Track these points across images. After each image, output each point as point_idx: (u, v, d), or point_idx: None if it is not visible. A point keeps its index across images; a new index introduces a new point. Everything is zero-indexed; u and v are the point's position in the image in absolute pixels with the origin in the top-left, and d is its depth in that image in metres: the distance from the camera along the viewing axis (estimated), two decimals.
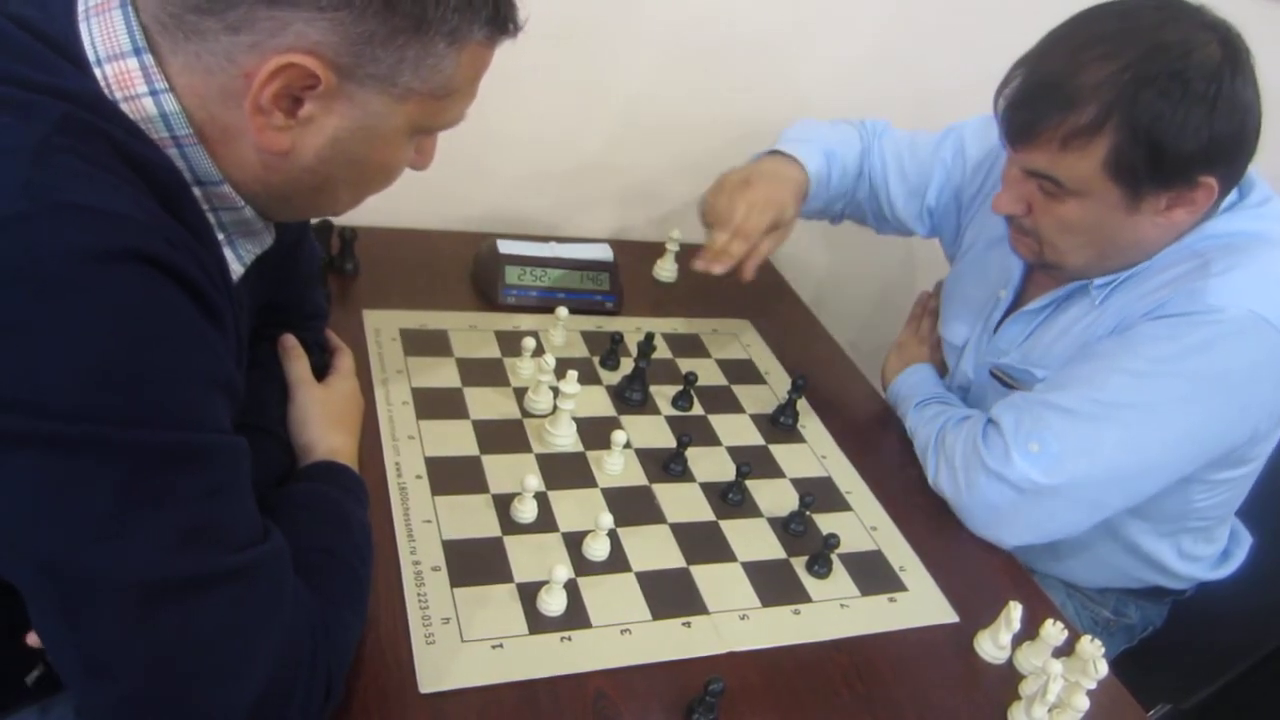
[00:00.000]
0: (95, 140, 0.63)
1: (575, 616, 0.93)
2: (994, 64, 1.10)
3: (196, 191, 0.72)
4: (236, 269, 0.81)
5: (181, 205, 0.68)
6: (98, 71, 0.67)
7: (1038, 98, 1.03)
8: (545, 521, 1.02)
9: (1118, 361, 1.08)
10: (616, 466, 1.11)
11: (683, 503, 1.10)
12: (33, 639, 0.72)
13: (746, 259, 1.24)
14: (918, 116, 1.76)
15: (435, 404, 1.15)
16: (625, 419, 1.20)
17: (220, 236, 0.77)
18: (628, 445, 1.14)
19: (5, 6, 0.68)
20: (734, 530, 1.08)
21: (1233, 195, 1.12)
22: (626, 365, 1.29)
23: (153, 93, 0.68)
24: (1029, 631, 1.01)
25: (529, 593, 0.93)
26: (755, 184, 1.25)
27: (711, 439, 1.22)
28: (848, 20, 1.65)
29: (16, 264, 0.56)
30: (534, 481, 1.00)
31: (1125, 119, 0.99)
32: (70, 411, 0.57)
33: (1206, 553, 1.30)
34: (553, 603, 0.92)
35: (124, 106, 0.68)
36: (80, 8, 0.69)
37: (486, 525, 1.00)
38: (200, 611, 0.62)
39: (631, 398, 1.24)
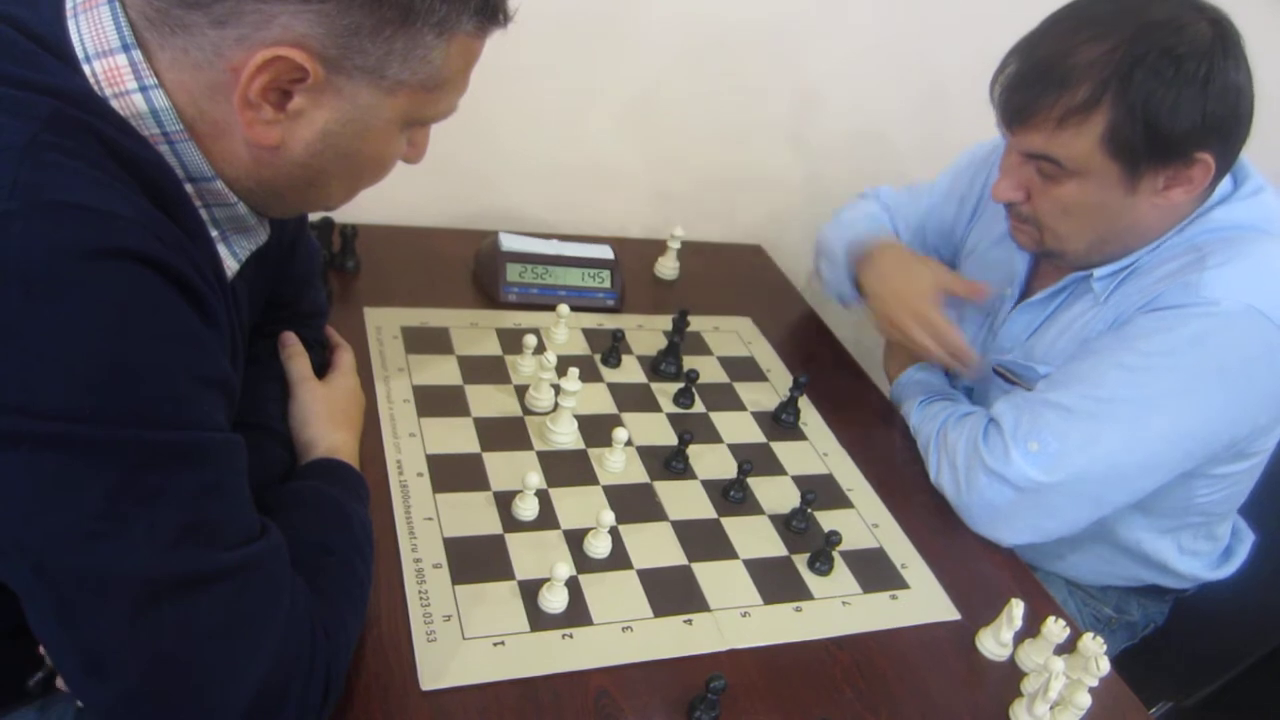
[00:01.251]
0: (85, 138, 0.63)
1: (577, 614, 0.93)
2: (996, 55, 1.10)
3: (189, 188, 0.72)
4: (231, 265, 0.81)
5: (173, 202, 0.68)
6: (87, 69, 0.67)
7: (1033, 79, 1.05)
8: (546, 519, 1.02)
9: (1114, 356, 1.08)
10: (618, 464, 1.11)
11: (684, 500, 1.10)
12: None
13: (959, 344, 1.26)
14: (920, 109, 1.76)
15: (436, 401, 1.15)
16: (627, 416, 1.20)
17: (214, 233, 0.77)
18: (629, 443, 1.14)
19: None
20: (735, 528, 1.08)
21: (1227, 185, 1.12)
22: (629, 363, 1.30)
23: (142, 89, 0.68)
24: (1031, 629, 1.01)
25: (530, 590, 0.93)
26: (892, 297, 1.27)
27: (713, 436, 1.21)
28: (848, 15, 1.65)
29: (5, 263, 0.56)
30: (535, 479, 1.00)
31: (1120, 96, 1.00)
32: (61, 411, 0.57)
33: (1207, 549, 1.30)
34: (554, 600, 0.92)
35: (114, 103, 0.68)
36: (68, 5, 0.68)
37: (488, 523, 1.00)
38: (197, 609, 0.62)
39: (666, 370, 1.29)
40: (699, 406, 1.26)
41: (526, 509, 1.01)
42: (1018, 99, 1.06)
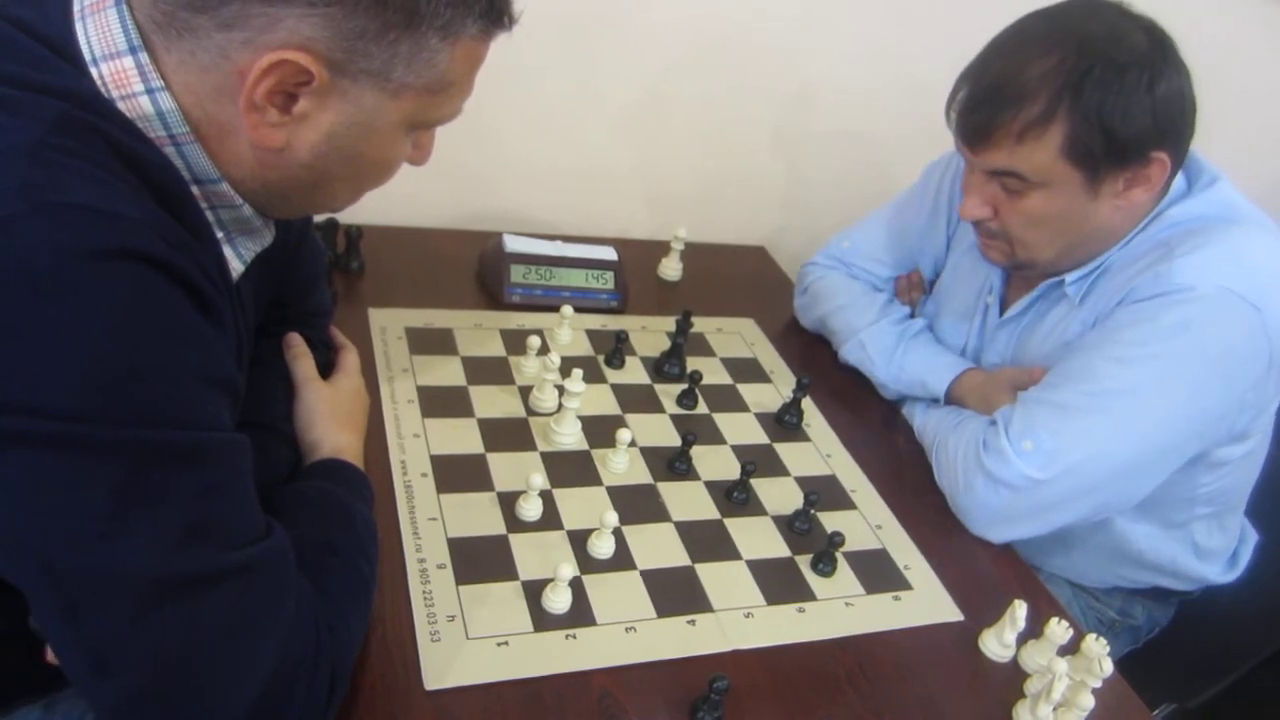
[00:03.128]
0: (92, 139, 0.63)
1: (580, 614, 0.93)
2: None
3: (195, 190, 0.73)
4: (236, 267, 0.81)
5: (179, 204, 0.68)
6: (94, 71, 0.67)
7: (989, 99, 1.07)
8: (550, 519, 1.02)
9: (1100, 351, 1.10)
10: (621, 465, 1.11)
11: (687, 501, 1.10)
12: (52, 656, 0.72)
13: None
14: (913, 107, 1.76)
15: (440, 402, 1.15)
16: (630, 417, 1.21)
17: (219, 235, 0.77)
18: (632, 444, 1.14)
19: (2, 8, 0.68)
20: (739, 528, 1.08)
21: (1182, 183, 1.15)
22: (632, 364, 1.30)
23: (149, 91, 0.68)
24: (1034, 630, 1.01)
25: (534, 590, 0.93)
26: (993, 396, 1.22)
27: (716, 438, 1.22)
28: (849, 16, 1.65)
29: (11, 264, 0.56)
30: (539, 479, 1.00)
31: (1074, 106, 1.03)
32: (66, 411, 0.57)
33: (1222, 545, 1.29)
34: (558, 600, 0.92)
35: (120, 105, 0.68)
36: (76, 7, 0.69)
37: (491, 523, 1.00)
38: (202, 609, 0.62)
39: (669, 371, 1.29)
40: (702, 407, 1.26)
41: (530, 509, 1.01)
42: (976, 119, 1.08)
